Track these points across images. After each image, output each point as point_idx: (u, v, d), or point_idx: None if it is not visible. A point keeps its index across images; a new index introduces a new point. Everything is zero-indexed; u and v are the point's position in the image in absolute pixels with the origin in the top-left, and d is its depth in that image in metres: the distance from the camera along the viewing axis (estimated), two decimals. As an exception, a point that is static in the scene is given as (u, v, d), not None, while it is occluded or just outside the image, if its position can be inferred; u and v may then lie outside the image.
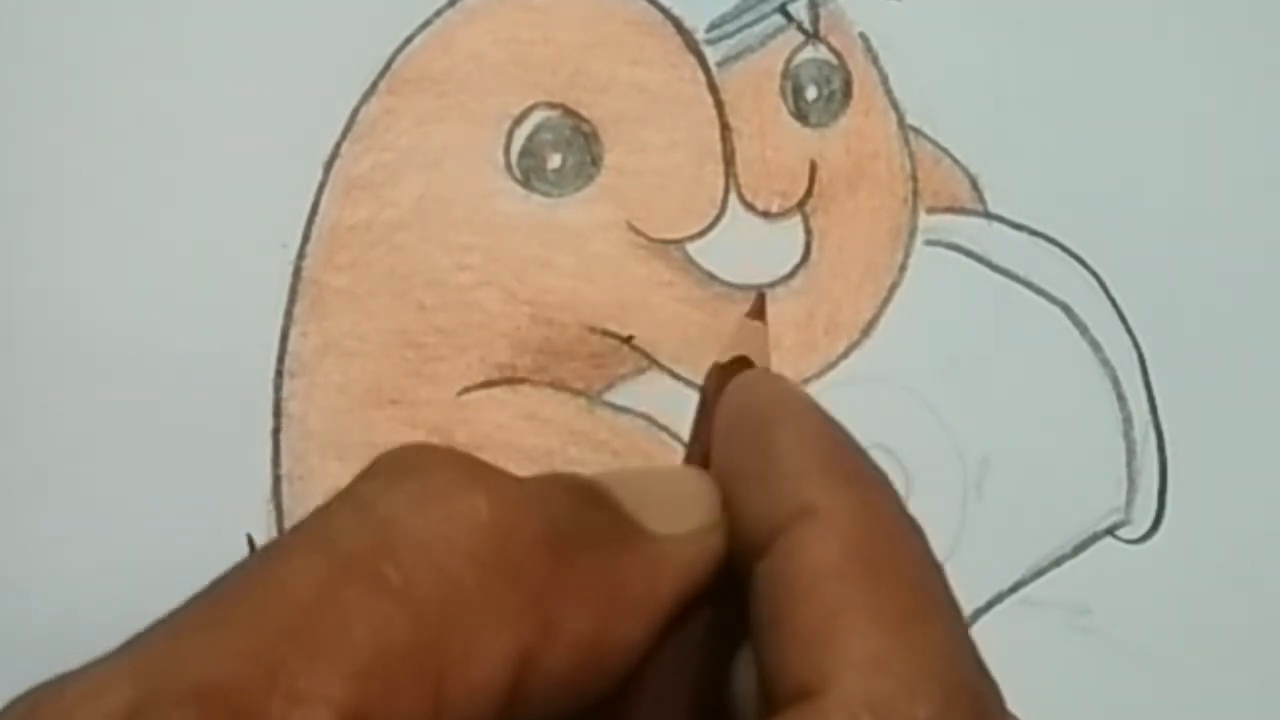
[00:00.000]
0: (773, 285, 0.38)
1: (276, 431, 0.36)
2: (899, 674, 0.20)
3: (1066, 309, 0.40)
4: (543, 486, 0.21)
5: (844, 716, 0.19)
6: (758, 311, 0.31)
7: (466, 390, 0.37)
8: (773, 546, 0.21)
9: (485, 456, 0.37)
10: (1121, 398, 0.40)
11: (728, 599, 0.22)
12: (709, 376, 0.25)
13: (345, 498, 0.20)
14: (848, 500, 0.21)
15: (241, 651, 0.18)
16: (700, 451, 0.24)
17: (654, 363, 0.37)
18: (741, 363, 0.25)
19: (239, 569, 0.20)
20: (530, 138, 0.37)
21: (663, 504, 0.22)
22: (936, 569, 0.22)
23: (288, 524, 0.36)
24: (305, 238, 0.36)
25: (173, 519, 0.35)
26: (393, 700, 0.19)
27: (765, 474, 0.22)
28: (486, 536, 0.20)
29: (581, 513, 0.21)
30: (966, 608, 0.39)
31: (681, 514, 0.22)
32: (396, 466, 0.21)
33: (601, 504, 0.21)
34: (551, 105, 0.38)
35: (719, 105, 0.38)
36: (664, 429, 0.37)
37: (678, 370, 0.37)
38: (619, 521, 0.21)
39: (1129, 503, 0.40)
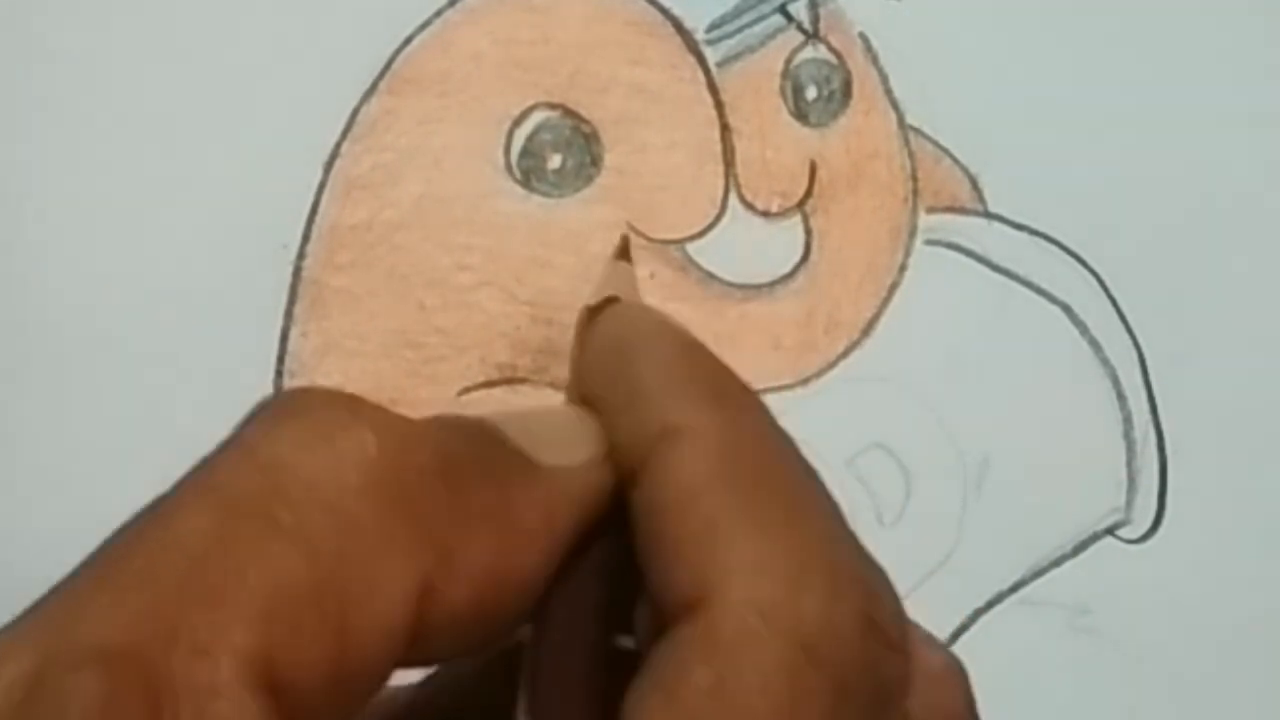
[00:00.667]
0: (772, 285, 0.38)
1: (276, 431, 0.36)
2: (782, 573, 0.20)
3: (1066, 309, 0.40)
4: (431, 423, 0.21)
5: (732, 622, 0.19)
6: (623, 253, 0.31)
7: (467, 390, 0.37)
8: (644, 470, 0.21)
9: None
10: (1121, 398, 0.40)
11: (622, 532, 0.22)
12: (580, 318, 0.25)
13: (229, 444, 0.20)
14: (712, 416, 0.21)
15: (139, 608, 0.18)
16: (576, 390, 0.24)
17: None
18: (611, 303, 0.25)
19: (129, 525, 0.20)
20: (530, 138, 0.37)
21: (551, 438, 0.22)
22: (809, 473, 0.22)
23: (288, 524, 0.36)
24: (305, 238, 0.36)
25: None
26: (296, 642, 0.18)
27: (630, 400, 0.22)
28: (376, 470, 0.19)
29: (472, 446, 0.21)
30: (966, 608, 0.39)
31: (570, 448, 0.22)
32: (280, 409, 0.20)
33: (491, 438, 0.21)
34: (551, 106, 0.38)
35: (719, 105, 0.38)
36: (664, 429, 0.37)
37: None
38: (510, 454, 0.21)
39: (1129, 503, 0.40)
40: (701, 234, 0.38)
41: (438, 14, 0.38)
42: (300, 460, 0.19)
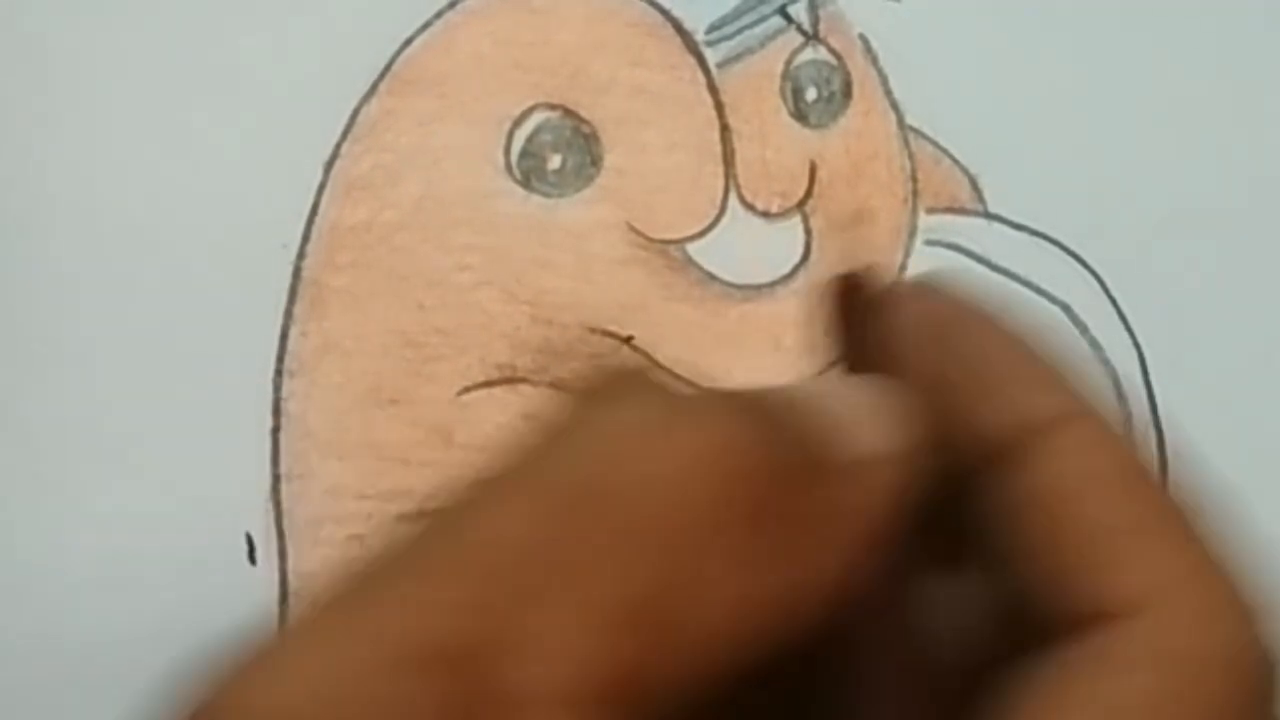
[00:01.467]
0: (772, 285, 0.38)
1: (276, 431, 0.36)
2: (1201, 598, 0.19)
3: (1066, 309, 0.39)
4: (750, 409, 0.19)
5: (1169, 635, 0.18)
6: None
7: (466, 390, 0.37)
8: (1016, 460, 0.20)
9: (485, 457, 0.37)
10: (1121, 398, 0.40)
11: (936, 523, 0.20)
12: (833, 288, 0.24)
13: (557, 435, 0.18)
14: (1090, 411, 0.20)
15: (466, 607, 0.17)
16: (854, 364, 0.22)
17: (654, 363, 0.37)
18: (856, 277, 0.24)
19: (438, 518, 0.18)
20: (530, 139, 0.37)
21: (864, 421, 0.20)
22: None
23: (287, 523, 0.36)
24: (305, 238, 0.36)
25: (172, 518, 0.35)
26: (626, 649, 0.17)
27: (989, 386, 0.21)
28: (710, 464, 0.18)
29: (794, 435, 0.19)
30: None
31: (886, 431, 0.20)
32: (606, 398, 0.19)
33: (809, 424, 0.20)
34: (551, 106, 0.38)
35: (719, 106, 0.38)
36: (664, 429, 0.37)
37: (678, 370, 0.37)
38: (826, 442, 0.20)
39: (1129, 503, 0.40)
40: (701, 234, 0.38)
41: (438, 15, 0.38)
42: (633, 452, 0.18)
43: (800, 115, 0.39)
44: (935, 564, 0.21)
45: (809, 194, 0.39)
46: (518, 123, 0.37)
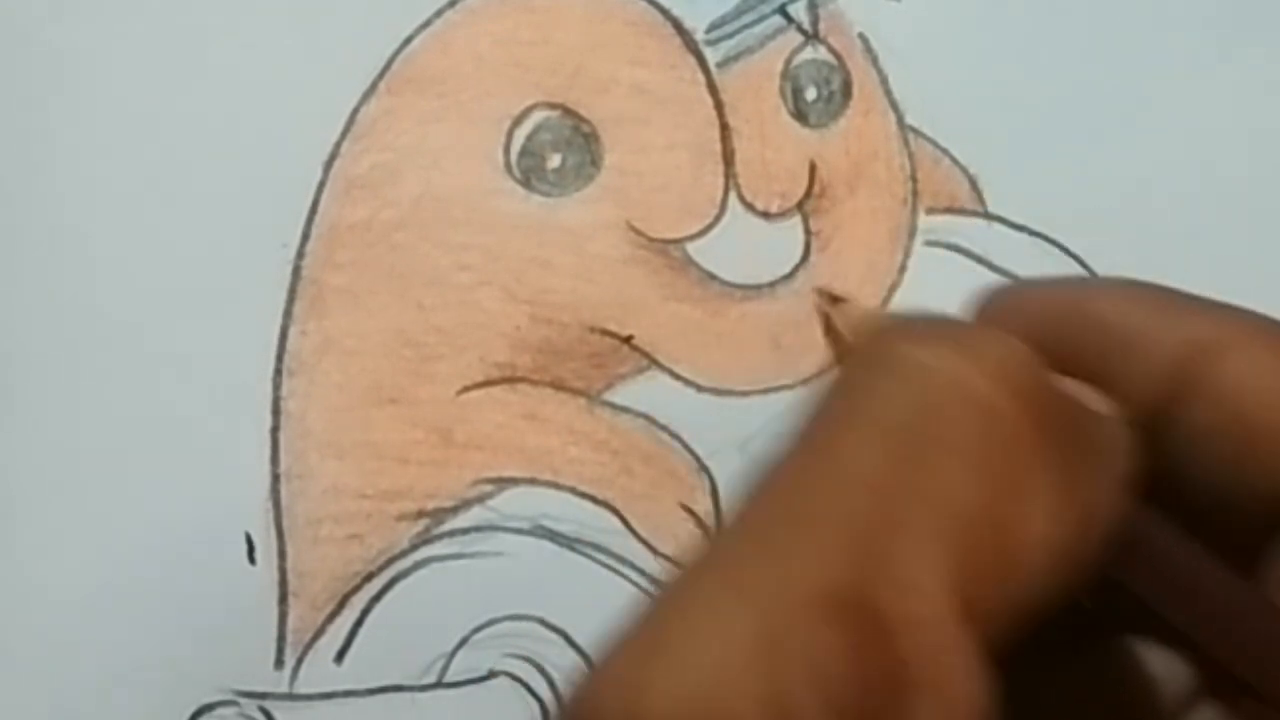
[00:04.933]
0: (773, 285, 0.38)
1: (275, 430, 0.36)
2: None
3: (1066, 309, 0.39)
4: (1017, 343, 0.20)
5: None
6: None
7: (466, 389, 0.37)
8: (1196, 388, 0.21)
9: (485, 456, 0.37)
10: (1121, 398, 0.40)
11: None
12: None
13: (871, 370, 0.19)
14: (1230, 320, 0.23)
15: (841, 549, 0.17)
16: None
17: (654, 363, 0.37)
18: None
19: (778, 472, 0.19)
20: (530, 138, 0.37)
21: (1079, 392, 0.21)
22: None
23: (287, 523, 0.36)
24: (305, 237, 0.36)
25: (171, 517, 0.35)
26: (978, 569, 0.18)
27: (1129, 342, 0.22)
28: (1022, 383, 0.19)
29: (1057, 384, 0.21)
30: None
31: (1095, 400, 0.21)
32: (911, 333, 0.20)
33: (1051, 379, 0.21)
34: (551, 105, 0.38)
35: (719, 106, 0.38)
36: (664, 429, 0.37)
37: (678, 370, 0.37)
38: (1074, 393, 0.21)
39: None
40: (701, 234, 0.38)
41: (438, 14, 0.38)
42: (951, 376, 0.19)
43: (800, 115, 0.39)
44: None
45: (809, 194, 0.39)
46: (517, 122, 0.37)
